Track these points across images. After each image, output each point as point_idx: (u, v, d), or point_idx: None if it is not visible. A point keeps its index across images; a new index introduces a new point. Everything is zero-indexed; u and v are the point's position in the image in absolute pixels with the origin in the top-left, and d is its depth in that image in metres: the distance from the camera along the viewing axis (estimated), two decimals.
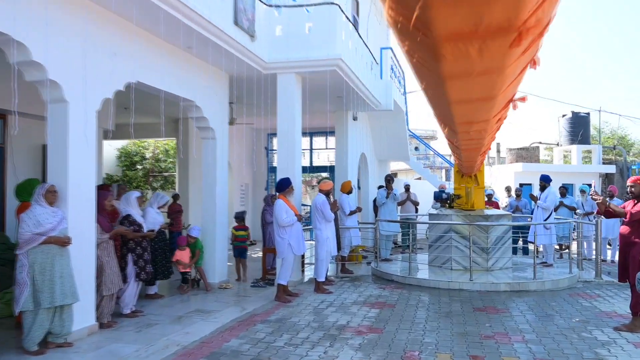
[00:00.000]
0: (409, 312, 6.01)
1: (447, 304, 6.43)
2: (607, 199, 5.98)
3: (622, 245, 5.30)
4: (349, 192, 9.09)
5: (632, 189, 5.21)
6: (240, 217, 8.70)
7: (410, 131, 15.36)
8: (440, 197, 9.73)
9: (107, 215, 5.55)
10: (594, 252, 10.83)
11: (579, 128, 20.14)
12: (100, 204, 5.33)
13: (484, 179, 9.35)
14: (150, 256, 6.15)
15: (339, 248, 7.87)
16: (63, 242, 4.55)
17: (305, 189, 27.85)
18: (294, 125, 8.02)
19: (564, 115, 21.16)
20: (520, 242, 11.01)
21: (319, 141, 14.71)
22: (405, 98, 13.81)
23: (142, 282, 6.08)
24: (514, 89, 1.90)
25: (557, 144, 22.33)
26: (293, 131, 8.01)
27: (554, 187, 9.52)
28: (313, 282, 7.41)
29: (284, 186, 6.95)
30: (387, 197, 10.19)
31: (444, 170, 19.17)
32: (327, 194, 7.58)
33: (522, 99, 2.03)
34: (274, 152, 14.20)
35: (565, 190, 11.03)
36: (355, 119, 11.33)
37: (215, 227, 7.78)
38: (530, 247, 11.08)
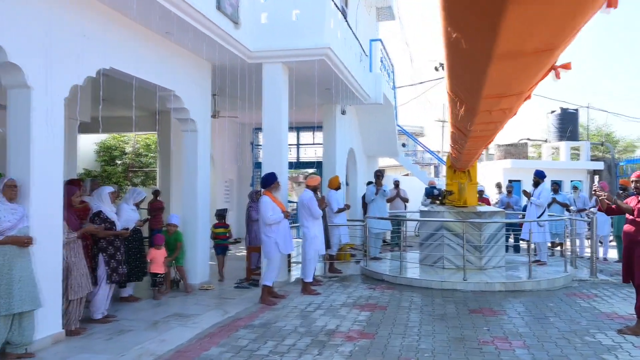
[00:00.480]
0: (401, 314, 5.67)
1: (441, 305, 6.12)
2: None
3: (626, 244, 5.01)
4: (337, 188, 8.75)
5: (638, 184, 4.93)
6: (220, 214, 8.34)
7: (399, 126, 15.04)
8: (432, 194, 9.42)
9: (75, 212, 5.11)
10: (585, 250, 10.68)
11: (567, 124, 20.04)
12: (67, 200, 4.88)
13: (477, 175, 9.06)
14: (124, 256, 5.71)
15: (327, 246, 7.50)
16: (23, 242, 4.12)
17: (292, 186, 27.47)
18: (281, 118, 7.63)
19: (552, 112, 21.05)
20: (512, 240, 10.77)
21: (306, 136, 14.33)
22: (395, 92, 13.48)
23: (115, 284, 5.64)
24: (571, 40, 1.51)
25: (546, 141, 22.23)
26: (279, 124, 7.63)
27: (547, 184, 9.28)
28: (300, 283, 7.04)
29: (270, 182, 6.56)
30: (376, 194, 9.87)
31: (432, 167, 18.91)
32: (314, 190, 7.21)
33: (566, 66, 1.68)
34: (259, 147, 13.79)
35: (557, 186, 10.81)
36: (343, 112, 10.97)
37: (197, 224, 7.35)
38: (523, 244, 10.86)
